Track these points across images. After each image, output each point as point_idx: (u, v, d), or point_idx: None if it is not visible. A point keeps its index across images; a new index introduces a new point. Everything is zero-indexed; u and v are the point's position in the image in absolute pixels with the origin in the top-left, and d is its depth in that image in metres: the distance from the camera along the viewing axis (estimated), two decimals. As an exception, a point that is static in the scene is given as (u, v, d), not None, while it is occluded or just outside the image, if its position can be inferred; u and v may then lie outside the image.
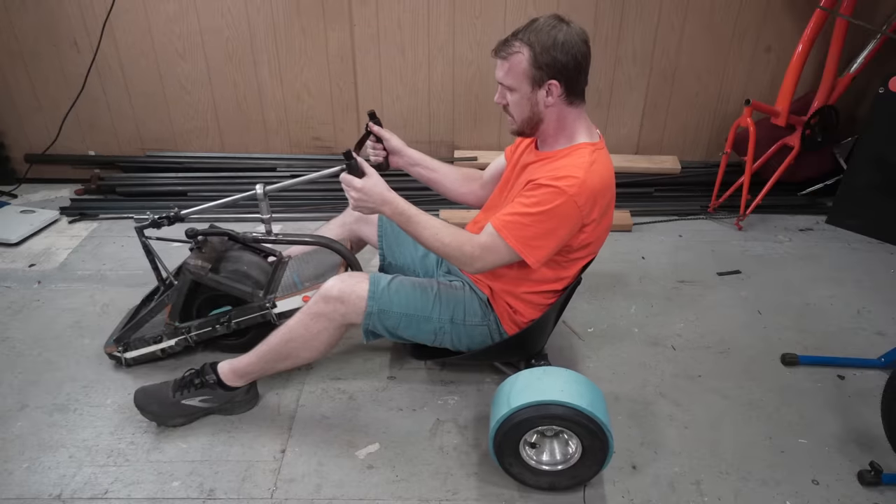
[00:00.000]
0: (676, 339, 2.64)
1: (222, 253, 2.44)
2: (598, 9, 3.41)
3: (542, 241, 1.87)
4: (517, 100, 1.87)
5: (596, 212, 1.87)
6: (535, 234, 1.85)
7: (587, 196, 1.82)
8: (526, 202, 1.85)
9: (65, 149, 3.77)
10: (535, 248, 1.87)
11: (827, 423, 2.24)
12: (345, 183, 1.94)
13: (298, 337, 2.08)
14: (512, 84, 1.85)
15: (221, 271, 2.35)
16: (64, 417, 2.22)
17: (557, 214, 1.82)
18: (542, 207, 1.81)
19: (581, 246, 1.96)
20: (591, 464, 1.91)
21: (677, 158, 3.78)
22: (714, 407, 2.31)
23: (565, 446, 1.95)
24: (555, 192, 1.80)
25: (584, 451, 1.90)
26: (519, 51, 1.81)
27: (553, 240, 1.87)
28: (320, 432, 2.19)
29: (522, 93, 1.85)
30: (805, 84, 3.54)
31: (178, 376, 2.20)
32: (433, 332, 2.13)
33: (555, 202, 1.80)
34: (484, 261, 1.92)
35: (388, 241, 2.44)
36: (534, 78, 1.82)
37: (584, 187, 1.80)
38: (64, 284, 2.93)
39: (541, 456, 1.96)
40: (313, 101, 3.67)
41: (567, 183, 1.80)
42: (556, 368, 1.97)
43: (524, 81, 1.83)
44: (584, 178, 1.81)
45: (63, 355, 2.50)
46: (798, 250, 3.28)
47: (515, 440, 1.90)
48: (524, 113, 1.89)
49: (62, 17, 3.42)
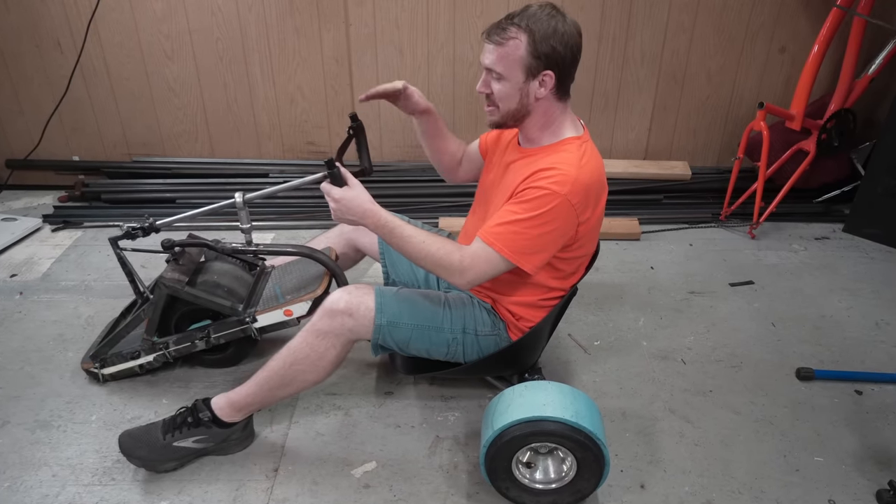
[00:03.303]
0: (686, 353, 2.65)
1: (200, 265, 2.44)
2: (605, 6, 3.43)
3: (537, 247, 1.86)
4: (506, 89, 1.85)
5: (590, 208, 1.88)
6: (530, 239, 1.85)
7: (581, 193, 1.82)
8: (515, 209, 1.84)
9: (48, 154, 3.79)
10: (532, 255, 1.87)
11: (844, 441, 2.25)
12: (324, 193, 1.94)
13: (304, 358, 2.02)
14: (504, 72, 1.82)
15: (199, 284, 2.34)
16: (47, 435, 2.23)
17: (552, 217, 1.82)
18: (535, 212, 1.81)
19: (576, 240, 1.94)
20: (589, 476, 1.92)
21: (687, 164, 3.79)
22: (726, 423, 2.32)
23: (560, 463, 1.97)
24: (547, 196, 1.80)
25: (580, 465, 1.91)
26: (516, 37, 1.79)
27: (549, 243, 1.87)
28: (315, 450, 2.20)
29: (514, 82, 1.83)
30: (821, 86, 3.56)
31: (168, 416, 2.14)
32: (446, 344, 2.10)
33: (548, 205, 1.80)
34: (475, 271, 1.90)
35: (390, 258, 2.41)
36: (529, 67, 1.80)
37: (578, 184, 1.81)
38: (47, 296, 2.95)
39: (535, 475, 1.98)
40: (307, 104, 3.69)
41: (558, 182, 1.80)
42: (539, 382, 1.98)
43: (518, 70, 1.81)
44: (577, 174, 1.81)
45: (46, 370, 2.51)
46: (814, 260, 3.30)
47: (507, 462, 1.92)
48: (511, 104, 1.87)
49: (45, 17, 3.44)
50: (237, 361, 2.54)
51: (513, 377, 2.31)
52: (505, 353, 2.13)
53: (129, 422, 2.28)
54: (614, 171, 3.68)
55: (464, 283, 1.93)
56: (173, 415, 2.14)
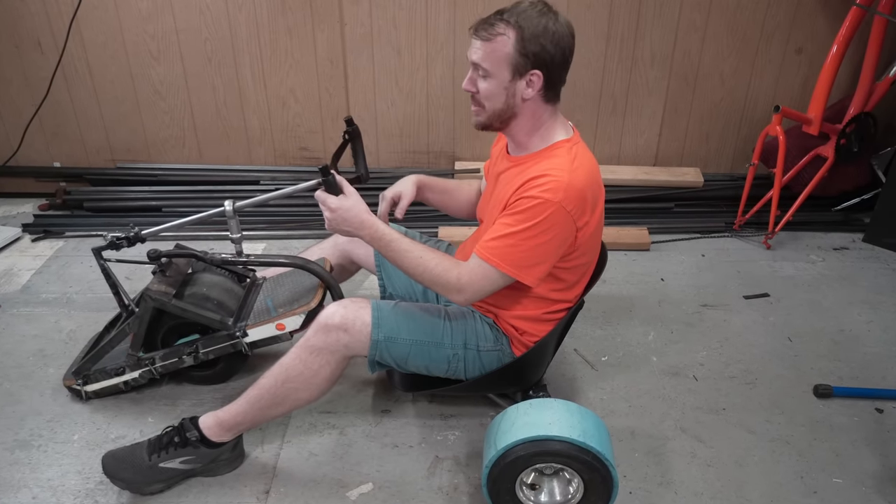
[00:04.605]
0: (699, 369, 2.66)
1: (188, 276, 2.45)
2: (613, 5, 3.44)
3: (535, 258, 1.88)
4: (492, 87, 1.87)
5: (587, 212, 1.89)
6: (527, 251, 1.86)
7: (576, 199, 1.83)
8: (509, 221, 1.86)
9: (27, 160, 3.80)
10: (530, 267, 1.89)
11: (864, 461, 2.26)
12: (319, 201, 1.95)
13: (297, 376, 2.02)
14: (490, 68, 1.84)
15: (187, 297, 2.35)
16: (27, 455, 2.24)
17: (548, 227, 1.83)
18: (529, 223, 1.83)
19: (576, 248, 1.95)
20: (596, 499, 1.93)
21: (699, 170, 3.80)
22: (740, 443, 2.33)
23: (566, 485, 1.97)
24: (541, 205, 1.81)
25: (587, 487, 1.92)
26: (504, 33, 1.80)
27: (548, 254, 1.89)
28: (308, 471, 2.21)
29: (500, 80, 1.85)
30: (840, 89, 3.57)
31: (153, 436, 2.14)
32: (447, 361, 2.11)
33: (543, 215, 1.81)
34: (473, 289, 1.92)
35: (387, 271, 2.42)
36: (517, 65, 1.82)
37: (571, 189, 1.82)
38: (26, 309, 2.96)
39: (540, 497, 1.98)
40: (300, 108, 3.71)
41: (551, 189, 1.81)
42: (545, 400, 1.99)
43: (504, 67, 1.83)
44: (569, 179, 1.82)
45: (25, 386, 2.52)
46: (832, 271, 3.31)
47: (510, 483, 1.93)
48: (497, 104, 1.89)
49: (24, 15, 3.45)
50: (227, 378, 2.55)
51: (516, 394, 2.32)
52: (508, 369, 2.14)
53: (112, 441, 2.29)
54: (622, 177, 3.70)
55: (462, 300, 1.95)
56: (159, 434, 2.14)
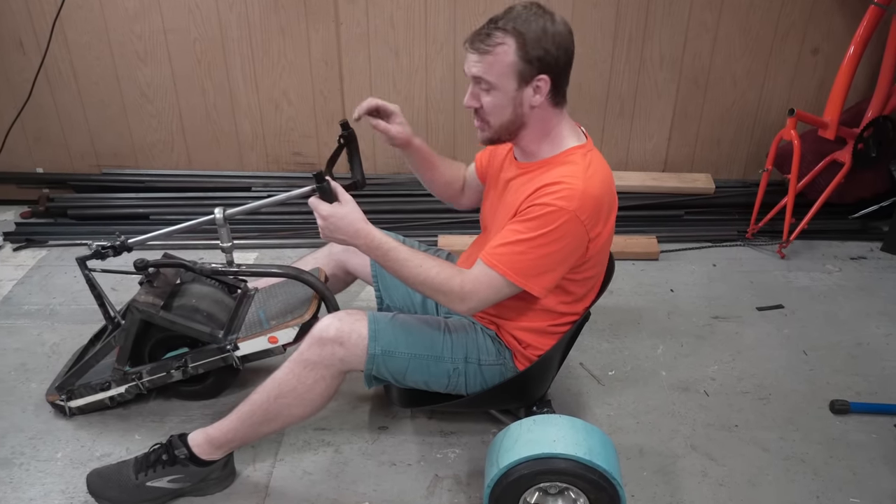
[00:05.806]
0: (710, 384, 2.67)
1: (177, 287, 2.45)
2: (620, 4, 3.46)
3: (544, 267, 1.88)
4: (497, 100, 1.87)
5: (601, 223, 1.90)
6: (535, 260, 1.86)
7: (591, 208, 1.84)
8: (519, 228, 1.86)
9: (9, 165, 3.80)
10: (538, 276, 1.89)
11: (882, 480, 2.27)
12: (313, 209, 1.95)
13: (290, 391, 2.03)
14: (494, 81, 1.84)
15: (175, 308, 2.35)
16: (8, 473, 2.25)
17: (559, 235, 1.83)
18: (541, 231, 1.83)
19: (587, 259, 1.96)
20: None
21: (711, 176, 3.81)
22: (753, 461, 2.34)
23: None
24: (554, 213, 1.82)
25: None
26: (503, 42, 1.80)
27: (557, 263, 1.89)
28: (302, 490, 2.22)
29: (505, 91, 1.85)
30: (857, 91, 3.57)
31: (140, 453, 2.15)
32: (447, 375, 2.11)
33: (556, 223, 1.82)
34: (478, 297, 1.92)
35: (384, 281, 2.43)
36: (522, 73, 1.82)
37: (587, 198, 1.83)
38: (7, 321, 2.97)
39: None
40: (294, 111, 3.73)
41: (565, 197, 1.82)
42: (549, 416, 2.00)
43: (509, 77, 1.83)
44: (584, 187, 1.83)
45: (7, 402, 2.53)
46: (849, 282, 3.32)
47: (513, 503, 1.94)
48: (504, 116, 1.89)
49: (6, 14, 3.46)
50: (217, 393, 2.56)
51: (519, 410, 2.33)
52: (511, 384, 2.14)
53: (98, 459, 2.30)
54: (630, 184, 3.71)
55: (465, 309, 1.95)
56: (146, 452, 2.15)
